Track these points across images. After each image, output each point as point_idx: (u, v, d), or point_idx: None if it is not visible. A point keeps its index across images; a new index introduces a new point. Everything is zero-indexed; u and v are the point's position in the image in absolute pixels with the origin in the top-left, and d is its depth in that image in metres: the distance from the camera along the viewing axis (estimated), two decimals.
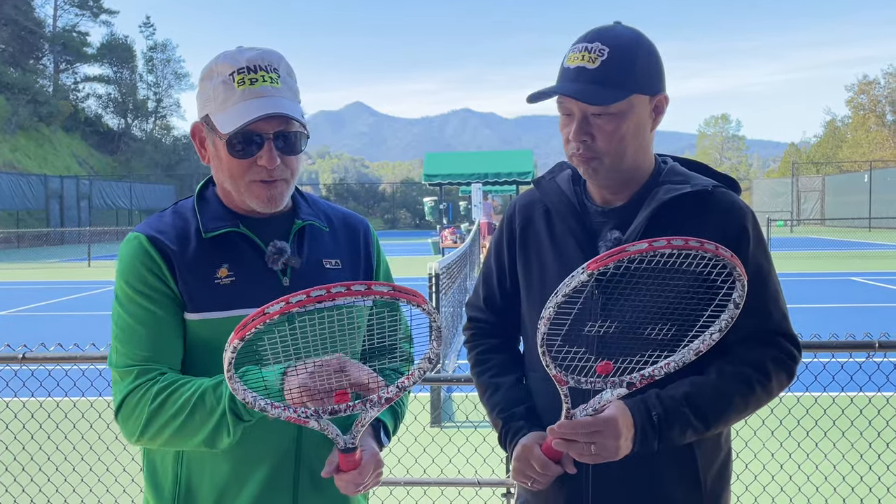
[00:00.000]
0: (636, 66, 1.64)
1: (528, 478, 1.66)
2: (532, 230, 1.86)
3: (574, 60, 1.64)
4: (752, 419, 4.66)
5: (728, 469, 1.82)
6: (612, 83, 1.61)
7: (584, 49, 1.63)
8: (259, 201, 1.59)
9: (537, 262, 1.83)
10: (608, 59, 1.61)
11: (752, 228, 1.72)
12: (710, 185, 1.72)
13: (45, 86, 54.88)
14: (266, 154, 1.55)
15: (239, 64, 1.56)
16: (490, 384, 1.87)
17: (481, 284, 1.99)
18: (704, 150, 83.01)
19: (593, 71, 1.61)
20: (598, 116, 1.64)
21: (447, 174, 29.19)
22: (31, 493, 4.35)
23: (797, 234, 39.35)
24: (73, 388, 3.96)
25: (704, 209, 1.70)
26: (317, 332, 1.44)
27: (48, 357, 3.16)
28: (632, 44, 1.65)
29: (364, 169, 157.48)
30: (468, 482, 3.62)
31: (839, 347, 3.03)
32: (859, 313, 11.91)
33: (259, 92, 1.54)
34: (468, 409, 6.63)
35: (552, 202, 1.82)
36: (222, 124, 1.54)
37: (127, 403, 1.53)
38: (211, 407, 1.46)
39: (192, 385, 1.50)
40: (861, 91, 59.90)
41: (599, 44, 1.63)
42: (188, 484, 1.60)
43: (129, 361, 1.55)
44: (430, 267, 6.32)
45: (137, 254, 1.58)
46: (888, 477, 4.42)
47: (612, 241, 1.70)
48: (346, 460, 1.48)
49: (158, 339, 1.56)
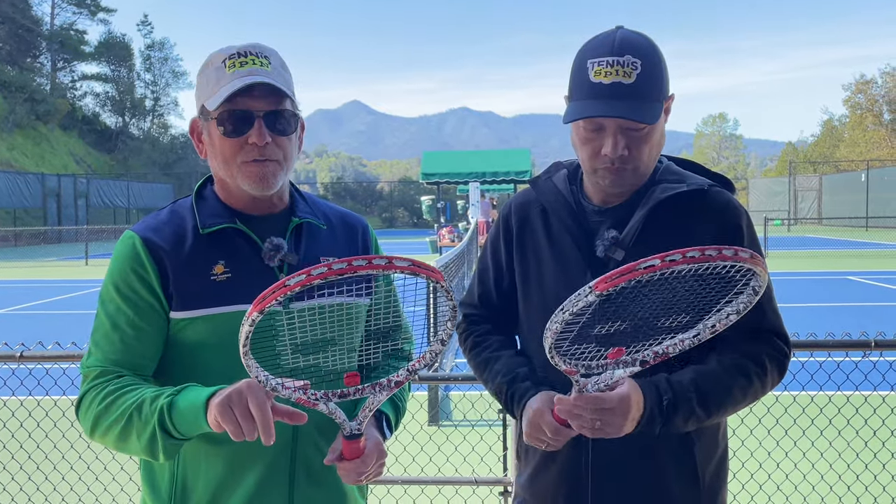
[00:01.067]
0: (664, 75, 1.66)
1: (542, 441, 1.64)
2: (529, 229, 1.87)
3: (607, 76, 1.60)
4: (749, 418, 4.67)
5: (725, 465, 1.83)
6: (650, 97, 1.61)
7: (617, 63, 1.60)
8: (251, 181, 1.59)
9: (535, 261, 1.84)
10: (642, 72, 1.60)
11: (747, 227, 1.74)
12: (706, 185, 1.74)
13: (43, 84, 54.82)
14: (256, 131, 1.55)
15: (231, 51, 1.59)
16: (490, 357, 1.86)
17: (476, 282, 1.99)
18: (702, 150, 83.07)
19: (631, 86, 1.60)
20: (638, 131, 1.63)
21: (445, 173, 29.18)
22: (28, 492, 4.35)
23: (794, 233, 39.40)
24: (70, 387, 3.94)
25: (700, 208, 1.72)
26: (316, 327, 1.44)
27: (46, 356, 3.17)
28: (655, 52, 1.65)
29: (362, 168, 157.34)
30: (465, 481, 3.63)
31: (835, 346, 3.04)
32: (856, 312, 11.93)
33: (249, 72, 1.56)
34: (465, 407, 6.63)
35: (549, 201, 1.83)
36: (212, 104, 1.55)
37: (83, 402, 1.56)
38: (145, 419, 1.46)
39: (134, 393, 1.49)
40: (858, 90, 59.95)
41: (631, 56, 1.60)
42: (184, 481, 1.61)
43: (95, 363, 1.57)
44: None
45: (129, 255, 1.59)
46: (884, 475, 4.43)
47: (609, 239, 1.70)
48: (350, 448, 1.47)
49: (129, 346, 1.57)
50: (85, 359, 1.61)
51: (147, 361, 1.60)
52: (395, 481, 3.62)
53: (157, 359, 1.61)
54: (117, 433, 1.50)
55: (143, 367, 1.59)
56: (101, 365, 1.57)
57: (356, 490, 1.75)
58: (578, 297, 1.38)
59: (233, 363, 1.54)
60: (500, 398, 1.81)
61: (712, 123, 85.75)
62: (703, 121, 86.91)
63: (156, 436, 1.44)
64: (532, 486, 1.86)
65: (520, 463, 1.96)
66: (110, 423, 1.50)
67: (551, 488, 1.80)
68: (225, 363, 1.55)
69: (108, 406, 1.50)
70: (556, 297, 1.77)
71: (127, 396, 1.50)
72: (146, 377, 1.60)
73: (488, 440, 5.08)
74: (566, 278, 1.76)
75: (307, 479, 1.63)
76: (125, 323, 1.57)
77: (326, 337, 1.48)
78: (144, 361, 1.59)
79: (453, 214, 36.54)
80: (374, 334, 1.66)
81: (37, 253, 31.22)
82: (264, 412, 1.33)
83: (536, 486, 1.85)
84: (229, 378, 1.52)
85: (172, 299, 1.58)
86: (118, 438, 1.51)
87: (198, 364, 1.59)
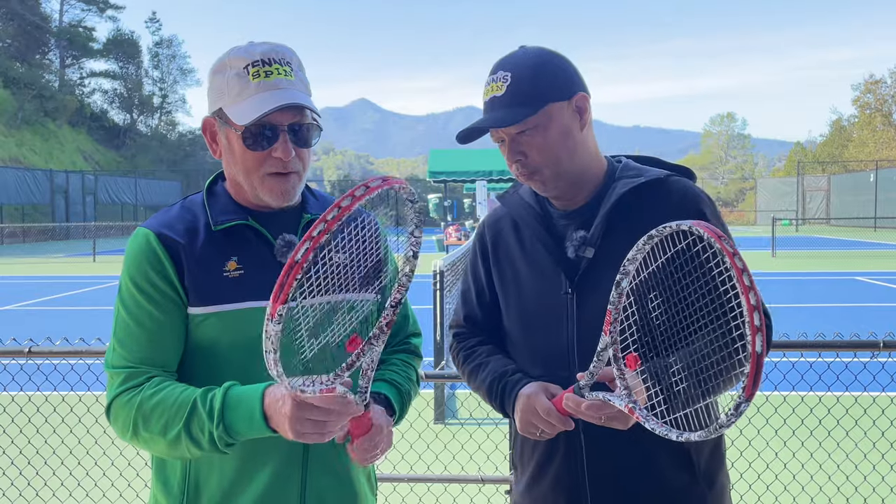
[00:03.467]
0: (540, 80, 1.71)
1: (536, 428, 1.65)
2: (502, 243, 1.91)
3: (487, 94, 1.75)
4: (756, 418, 4.66)
5: (721, 449, 1.84)
6: (520, 103, 1.70)
7: (493, 80, 1.74)
8: (273, 195, 1.59)
9: (511, 273, 1.87)
10: (512, 82, 1.71)
11: (709, 209, 1.76)
12: (664, 175, 1.78)
13: (51, 81, 55.05)
14: (281, 146, 1.55)
15: (253, 57, 1.56)
16: (480, 363, 1.88)
17: (461, 304, 2.02)
18: (709, 149, 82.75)
19: (502, 97, 1.72)
20: (523, 134, 1.72)
21: (452, 171, 29.20)
22: (36, 487, 4.37)
23: (802, 233, 39.27)
24: (78, 383, 3.97)
25: (660, 198, 1.75)
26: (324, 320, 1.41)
27: (53, 351, 3.18)
28: (531, 62, 1.73)
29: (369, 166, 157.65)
30: (471, 479, 3.63)
31: (844, 347, 3.03)
32: (864, 313, 11.89)
33: (274, 84, 1.54)
34: (472, 406, 6.63)
35: (518, 214, 1.88)
36: (238, 116, 1.54)
37: (115, 406, 1.55)
38: (197, 440, 1.47)
39: (175, 407, 1.48)
40: (867, 90, 59.69)
41: (502, 71, 1.73)
42: (197, 477, 1.61)
43: (123, 363, 1.56)
44: (435, 264, 6.33)
45: (143, 251, 1.58)
46: (892, 477, 4.41)
47: (578, 239, 1.74)
48: (359, 423, 1.46)
49: (155, 342, 1.56)
50: (109, 357, 1.59)
51: (172, 356, 1.59)
52: (402, 479, 3.63)
53: (180, 352, 1.60)
54: (165, 445, 1.50)
55: (168, 362, 1.58)
56: (128, 365, 1.55)
57: (367, 484, 1.75)
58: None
59: (245, 360, 1.55)
60: (492, 396, 1.81)
61: (720, 123, 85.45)
62: (711, 120, 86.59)
63: (213, 446, 1.46)
64: (530, 494, 1.86)
65: (516, 472, 1.97)
66: (155, 435, 1.50)
67: (550, 493, 1.80)
68: (237, 360, 1.56)
69: (147, 418, 1.50)
70: (535, 303, 1.81)
71: (168, 407, 1.48)
72: (172, 373, 1.59)
73: (494, 438, 5.09)
74: (542, 283, 1.79)
75: (321, 470, 1.63)
76: (147, 318, 1.56)
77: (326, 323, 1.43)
78: (169, 356, 1.58)
79: (460, 213, 36.53)
80: (363, 280, 1.54)
81: (45, 249, 31.35)
82: (326, 409, 1.37)
83: (535, 493, 1.85)
84: (242, 375, 1.52)
85: (189, 293, 1.58)
86: (168, 448, 1.51)
87: (211, 361, 1.58)
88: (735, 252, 1.25)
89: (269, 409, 1.41)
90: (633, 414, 1.43)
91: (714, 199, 2.14)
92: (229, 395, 1.46)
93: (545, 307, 1.78)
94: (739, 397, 1.28)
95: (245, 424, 1.43)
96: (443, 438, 5.11)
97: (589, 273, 1.72)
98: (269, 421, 1.41)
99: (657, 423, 1.40)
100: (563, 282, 1.76)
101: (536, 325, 1.79)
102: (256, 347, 1.32)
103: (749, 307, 1.23)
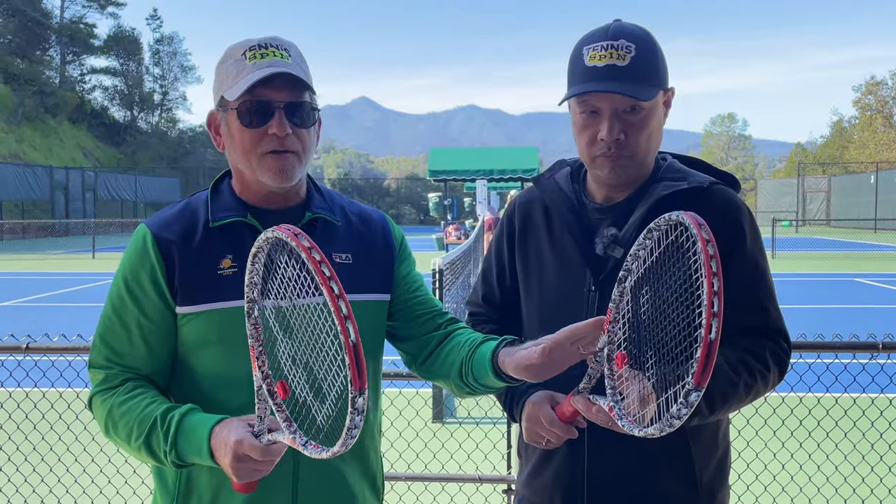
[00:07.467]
0: (661, 63, 1.66)
1: (541, 437, 1.63)
2: (531, 227, 1.87)
3: (601, 59, 1.61)
4: (755, 419, 4.66)
5: (726, 466, 1.82)
6: (644, 79, 1.61)
7: (611, 47, 1.61)
8: (271, 174, 1.58)
9: (536, 259, 1.84)
10: (637, 55, 1.61)
11: (749, 226, 1.72)
12: (707, 182, 1.72)
13: (52, 77, 55.05)
14: (277, 122, 1.55)
15: (251, 44, 1.59)
16: None
17: (481, 282, 1.99)
18: (710, 150, 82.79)
19: (625, 68, 1.60)
20: (632, 113, 1.63)
21: (452, 170, 29.18)
22: (33, 484, 4.36)
23: (802, 234, 39.26)
24: (76, 379, 3.96)
25: (701, 208, 1.69)
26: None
27: (52, 347, 3.17)
28: (651, 40, 1.66)
29: (369, 164, 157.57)
30: (469, 478, 3.63)
31: (843, 348, 3.03)
32: (863, 314, 11.89)
33: (269, 63, 1.56)
34: (470, 405, 6.63)
35: (551, 200, 1.83)
36: (232, 94, 1.55)
37: (93, 403, 1.60)
38: (156, 452, 1.49)
39: (142, 411, 1.50)
40: (868, 92, 59.69)
41: (625, 41, 1.61)
42: (189, 473, 1.61)
43: (102, 362, 1.59)
44: (434, 263, 6.32)
45: (138, 250, 1.60)
46: (890, 478, 4.41)
47: (609, 237, 1.70)
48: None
49: (135, 345, 1.57)
50: (91, 352, 1.62)
51: (151, 360, 1.59)
52: (399, 478, 3.62)
53: (162, 357, 1.60)
54: (133, 451, 1.54)
55: (145, 366, 1.59)
56: (106, 364, 1.58)
57: (368, 487, 1.74)
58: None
59: (235, 359, 1.54)
60: (502, 400, 1.81)
61: (721, 123, 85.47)
62: (712, 120, 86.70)
63: (167, 461, 1.49)
64: (532, 484, 1.87)
65: (521, 461, 1.97)
66: (122, 440, 1.54)
67: (549, 486, 1.80)
68: (227, 359, 1.55)
69: (116, 422, 1.54)
70: (556, 295, 1.77)
71: (133, 417, 1.51)
72: (148, 376, 1.60)
73: (492, 437, 5.09)
74: (566, 275, 1.76)
75: (312, 474, 1.63)
76: (131, 319, 1.57)
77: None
78: (148, 360, 1.59)
79: (460, 212, 36.52)
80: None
81: (44, 245, 31.33)
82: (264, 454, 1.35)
83: (536, 485, 1.85)
84: (231, 375, 1.53)
85: (178, 294, 1.57)
86: (136, 454, 1.54)
87: (199, 361, 1.58)
88: (710, 240, 1.19)
89: (214, 450, 1.41)
90: (612, 413, 1.37)
91: None
92: (184, 422, 1.46)
93: (566, 301, 1.74)
94: (687, 384, 1.19)
95: (194, 455, 1.45)
96: (441, 437, 5.10)
97: (615, 273, 1.68)
98: (215, 457, 1.42)
99: (627, 422, 1.35)
100: (588, 278, 1.72)
101: (555, 317, 1.72)
102: (246, 346, 1.32)
103: (709, 291, 1.17)
